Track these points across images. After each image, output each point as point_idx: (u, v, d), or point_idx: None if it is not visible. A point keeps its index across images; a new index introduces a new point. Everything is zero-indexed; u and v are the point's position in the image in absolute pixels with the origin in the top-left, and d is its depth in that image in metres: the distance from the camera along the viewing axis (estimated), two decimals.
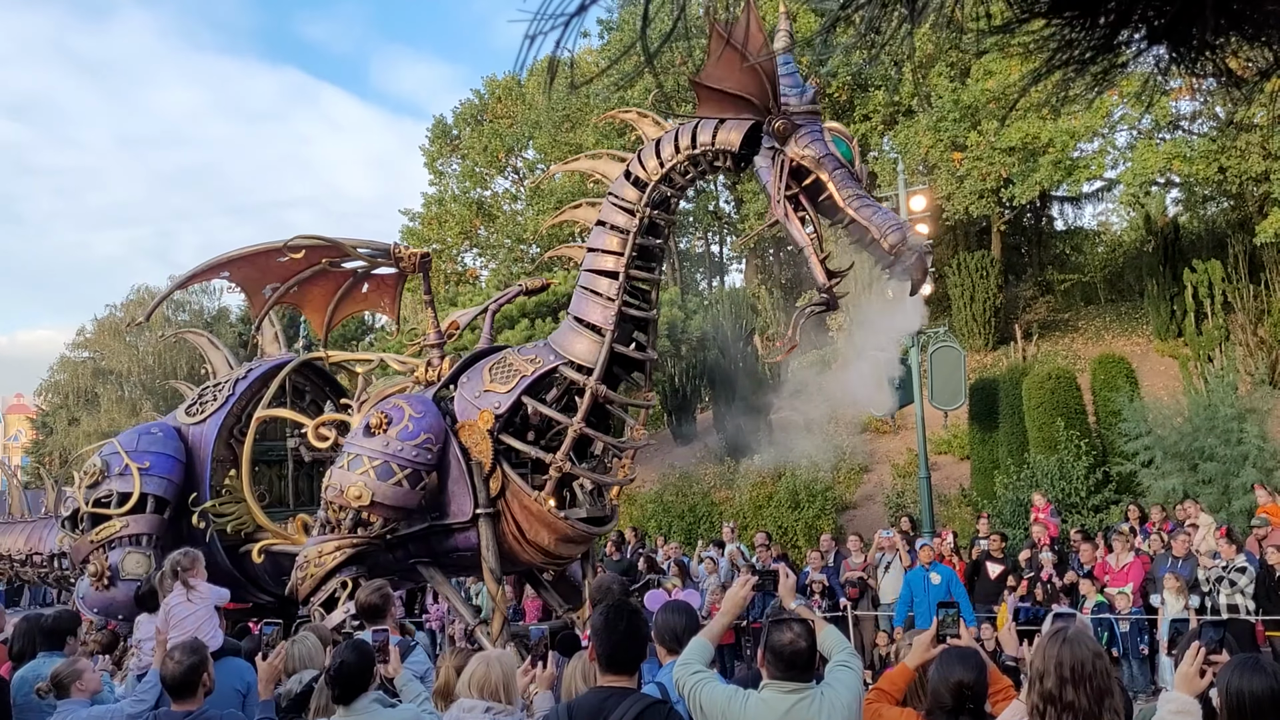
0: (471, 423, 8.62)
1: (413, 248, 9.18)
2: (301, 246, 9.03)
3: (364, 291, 9.81)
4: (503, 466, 8.59)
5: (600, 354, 8.41)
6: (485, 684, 3.84)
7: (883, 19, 1.06)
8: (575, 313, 8.69)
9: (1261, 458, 14.95)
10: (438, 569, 9.16)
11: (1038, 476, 16.50)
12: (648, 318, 8.71)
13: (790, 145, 7.46)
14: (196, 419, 10.43)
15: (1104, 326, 25.08)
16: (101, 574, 9.28)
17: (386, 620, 5.82)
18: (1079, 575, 11.96)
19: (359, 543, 8.58)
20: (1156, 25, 1.02)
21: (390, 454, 8.29)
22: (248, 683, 5.69)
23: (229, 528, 9.90)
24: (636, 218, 8.36)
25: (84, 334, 56.76)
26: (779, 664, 3.66)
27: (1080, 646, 3.31)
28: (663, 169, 8.26)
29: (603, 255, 8.49)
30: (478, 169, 37.02)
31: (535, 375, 8.60)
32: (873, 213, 7.28)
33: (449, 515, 8.75)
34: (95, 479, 9.78)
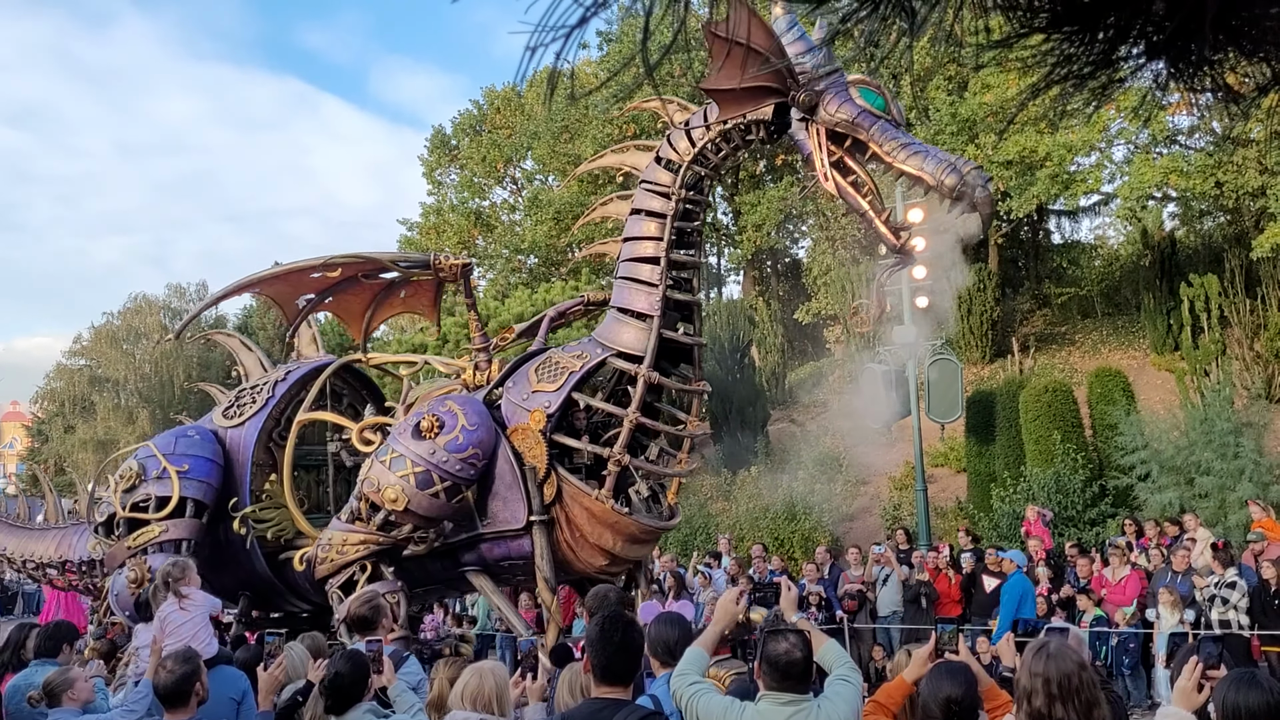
0: (524, 426, 8.39)
1: (453, 257, 9.05)
2: (338, 265, 8.95)
3: (401, 297, 9.68)
4: (557, 471, 8.35)
5: (649, 340, 8.25)
6: (478, 695, 3.83)
7: (881, 32, 1.06)
8: (618, 303, 8.51)
9: (1258, 472, 14.96)
10: (487, 578, 8.88)
11: (1034, 489, 16.50)
12: (692, 302, 8.56)
13: (820, 112, 7.27)
14: (234, 422, 10.14)
15: (1101, 340, 25.11)
16: (141, 580, 8.94)
17: (378, 631, 5.80)
18: (1075, 589, 11.95)
19: (384, 542, 8.44)
20: (1155, 40, 1.02)
21: (434, 463, 8.06)
22: (242, 691, 5.68)
23: (269, 534, 9.62)
24: (673, 200, 8.24)
25: (81, 342, 56.72)
26: (775, 675, 3.65)
27: (1064, 660, 3.31)
28: (694, 148, 8.13)
29: (641, 242, 8.36)
30: (476, 179, 37.10)
31: (584, 370, 8.39)
32: (923, 159, 6.97)
33: (500, 522, 8.49)
34: (132, 483, 9.51)
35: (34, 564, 11.93)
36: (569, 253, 32.89)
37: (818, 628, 4.47)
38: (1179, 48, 1.02)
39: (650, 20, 1.08)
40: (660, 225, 8.27)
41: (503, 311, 27.77)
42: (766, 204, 29.18)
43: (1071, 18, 1.03)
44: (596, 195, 30.38)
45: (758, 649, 3.82)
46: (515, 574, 9.04)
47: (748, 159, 32.30)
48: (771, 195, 29.78)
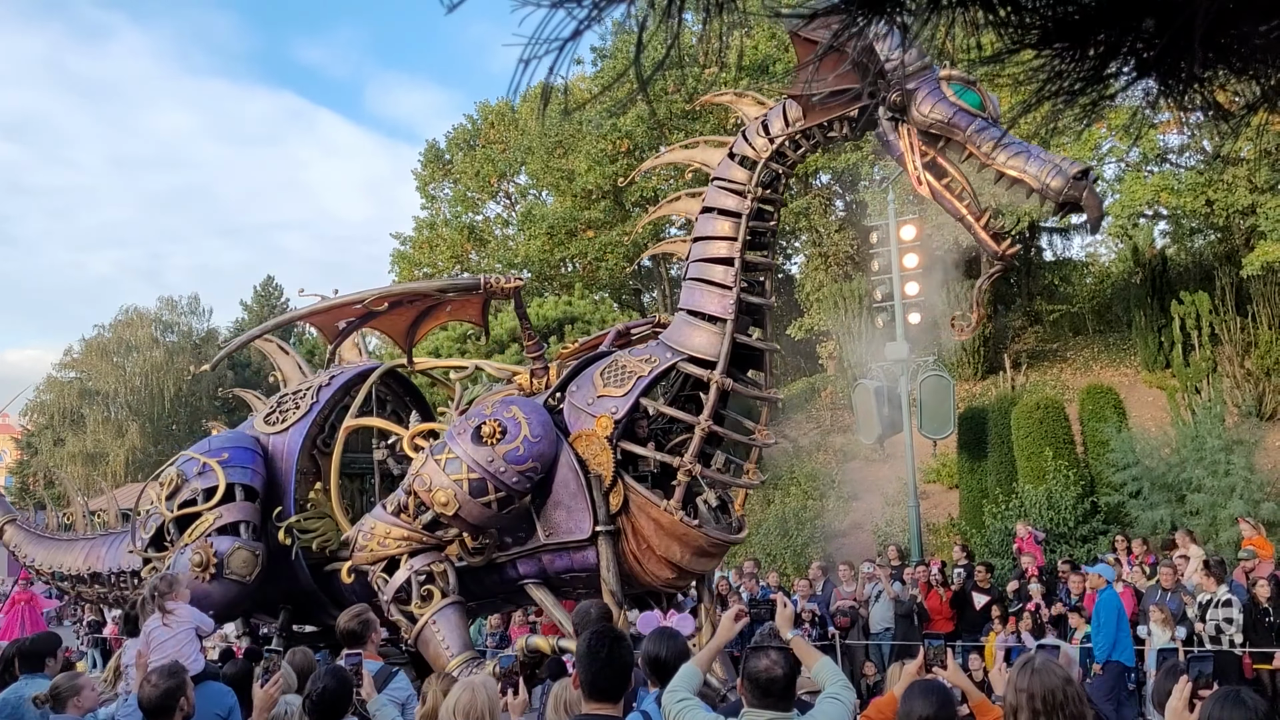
0: (588, 432, 8.01)
1: (505, 279, 8.73)
2: (385, 299, 8.76)
3: (448, 309, 9.45)
4: (624, 479, 7.96)
5: (722, 345, 7.87)
6: (470, 710, 3.81)
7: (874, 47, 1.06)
8: (688, 305, 8.13)
9: (1249, 489, 14.99)
10: (548, 591, 8.46)
11: (1026, 506, 16.51)
12: (765, 305, 8.22)
13: (912, 112, 6.88)
14: (277, 428, 9.77)
15: (1092, 357, 25.17)
16: (206, 564, 8.60)
17: (367, 646, 5.77)
18: (1066, 607, 11.93)
19: (427, 542, 8.15)
20: (1145, 58, 1.03)
21: (491, 472, 7.68)
22: (229, 706, 5.65)
23: (314, 545, 9.24)
24: (748, 199, 7.86)
25: (71, 354, 56.52)
26: (755, 691, 3.63)
27: (1049, 675, 3.33)
28: (773, 145, 7.75)
29: (713, 242, 7.99)
30: (470, 194, 37.14)
31: (653, 375, 8.00)
32: (1025, 160, 6.55)
33: (563, 533, 8.08)
34: (174, 487, 9.21)
35: (63, 576, 11.54)
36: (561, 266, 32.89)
37: (812, 645, 4.46)
38: (1169, 65, 1.02)
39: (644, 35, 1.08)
40: (734, 225, 7.91)
41: (495, 327, 27.76)
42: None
43: (1062, 34, 1.04)
44: (590, 210, 30.44)
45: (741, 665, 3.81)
46: (577, 587, 8.65)
47: None
48: None
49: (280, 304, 59.34)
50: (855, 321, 24.10)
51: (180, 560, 8.74)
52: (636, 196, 30.55)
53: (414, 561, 8.10)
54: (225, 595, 8.68)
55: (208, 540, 8.76)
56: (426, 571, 8.11)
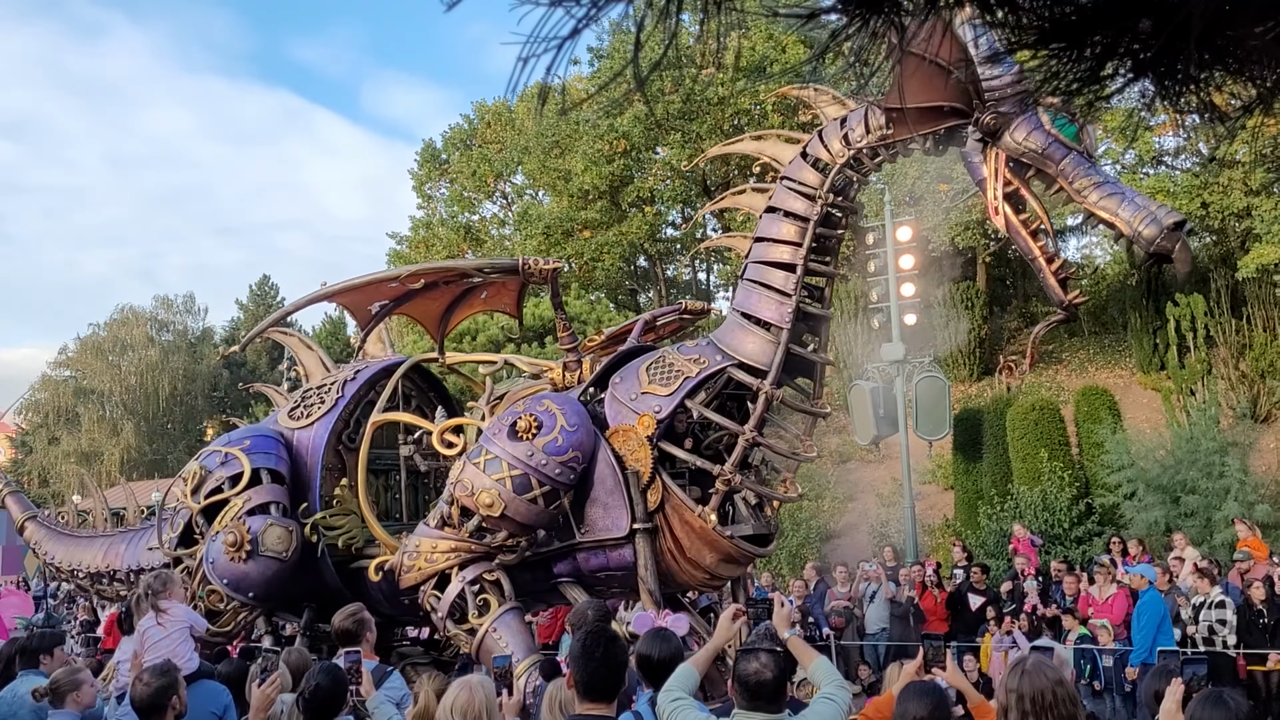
0: (628, 428, 7.77)
1: (543, 261, 8.46)
2: (420, 275, 8.50)
3: (482, 297, 9.20)
4: (662, 477, 7.74)
5: (775, 355, 7.60)
6: (469, 709, 3.81)
7: (870, 49, 1.06)
8: (743, 308, 7.83)
9: (1243, 491, 15.03)
10: (582, 590, 8.22)
11: (1021, 507, 16.54)
12: (822, 316, 7.96)
13: (1005, 138, 6.53)
14: (302, 424, 9.52)
15: (1087, 359, 25.22)
16: (240, 543, 8.39)
17: (361, 645, 5.77)
18: (1061, 608, 11.95)
19: (476, 550, 7.86)
20: (1142, 58, 1.03)
21: (533, 466, 7.46)
22: (224, 705, 5.65)
23: (340, 542, 9.05)
24: (817, 204, 7.53)
25: (66, 353, 56.42)
26: (745, 694, 3.64)
27: (1040, 676, 3.35)
28: (849, 151, 7.39)
29: (776, 245, 7.69)
30: (466, 193, 37.11)
31: (700, 377, 7.73)
32: (1119, 203, 6.25)
33: (599, 531, 7.84)
34: (198, 480, 9.05)
35: (83, 574, 11.39)
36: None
37: (808, 645, 4.47)
38: (1165, 66, 1.03)
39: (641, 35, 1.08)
40: (800, 229, 7.60)
41: (491, 326, 27.77)
42: (757, 220, 29.22)
43: (1059, 35, 1.04)
44: (587, 210, 30.44)
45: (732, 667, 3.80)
46: (612, 586, 8.41)
47: (736, 176, 32.41)
48: None
49: (276, 303, 59.27)
50: (851, 322, 24.13)
51: (214, 546, 8.61)
52: (633, 197, 30.56)
53: (465, 573, 7.86)
54: (263, 573, 8.45)
55: (240, 520, 8.58)
56: (480, 581, 7.87)
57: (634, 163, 30.76)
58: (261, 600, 8.66)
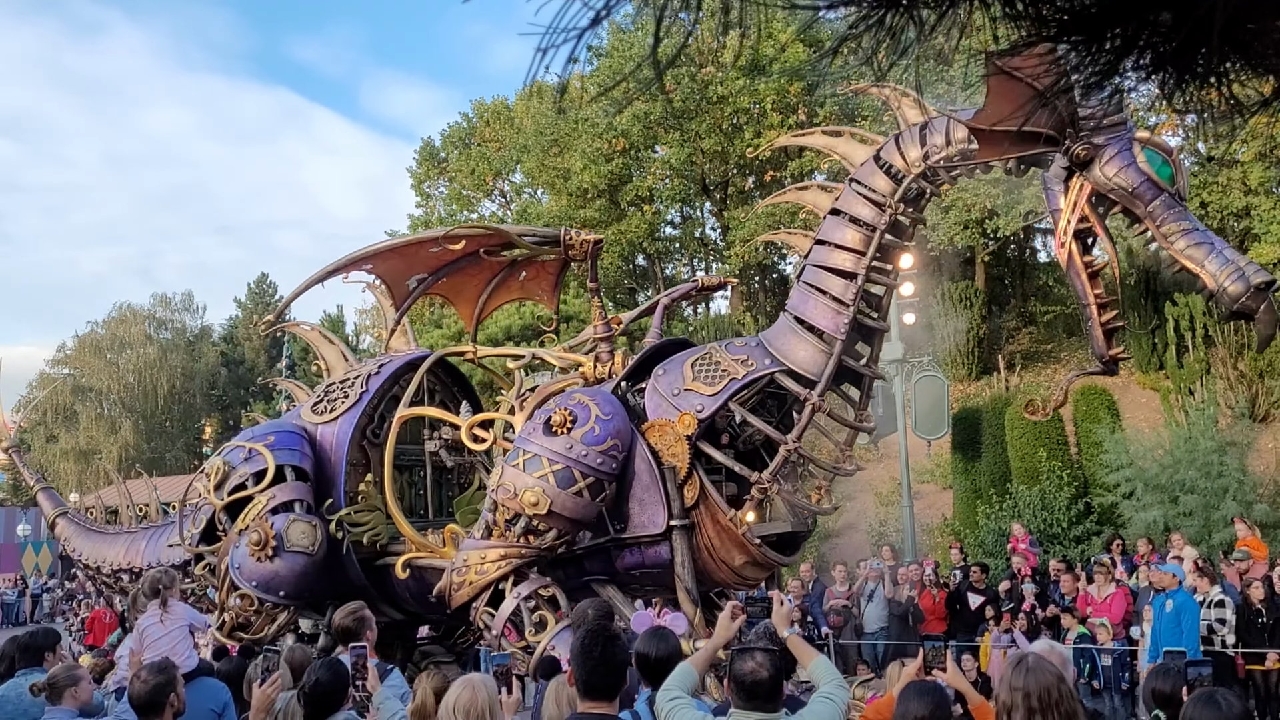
0: (664, 423, 7.59)
1: (584, 233, 8.18)
2: (461, 237, 8.09)
3: (520, 279, 8.93)
4: (699, 473, 7.55)
5: (826, 366, 7.35)
6: (471, 708, 3.80)
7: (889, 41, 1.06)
8: (797, 312, 7.56)
9: (1242, 491, 15.04)
10: (617, 588, 8.01)
11: (1019, 507, 16.55)
12: (879, 329, 7.64)
13: (1095, 171, 6.26)
14: (325, 418, 9.31)
15: (1086, 358, 25.19)
16: (265, 541, 8.23)
17: (361, 642, 5.76)
18: (1060, 607, 11.96)
19: (528, 554, 7.62)
20: (1162, 51, 1.02)
21: (573, 458, 7.28)
22: (223, 702, 5.65)
23: (365, 539, 8.87)
24: (886, 213, 7.21)
25: (64, 351, 56.40)
26: (741, 693, 3.64)
27: (1043, 673, 3.37)
28: (926, 161, 7.08)
29: (838, 251, 7.38)
30: (465, 192, 37.14)
31: (746, 380, 7.50)
32: (1206, 254, 5.99)
33: (635, 527, 7.65)
34: (221, 475, 8.87)
35: (107, 570, 11.26)
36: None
37: (807, 644, 4.46)
38: (1186, 59, 1.02)
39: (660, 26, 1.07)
40: (865, 238, 7.28)
41: (489, 324, 27.76)
42: (756, 220, 29.27)
43: (1079, 27, 1.03)
44: (585, 209, 30.43)
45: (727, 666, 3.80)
46: (646, 584, 8.25)
47: (736, 174, 32.41)
48: (760, 212, 29.83)
49: (274, 301, 59.22)
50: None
51: (238, 552, 8.47)
52: (632, 196, 30.57)
53: (520, 589, 7.62)
54: (292, 569, 8.31)
55: (263, 518, 8.43)
56: (535, 597, 7.65)
57: (633, 161, 30.77)
58: (293, 598, 8.49)
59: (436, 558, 8.46)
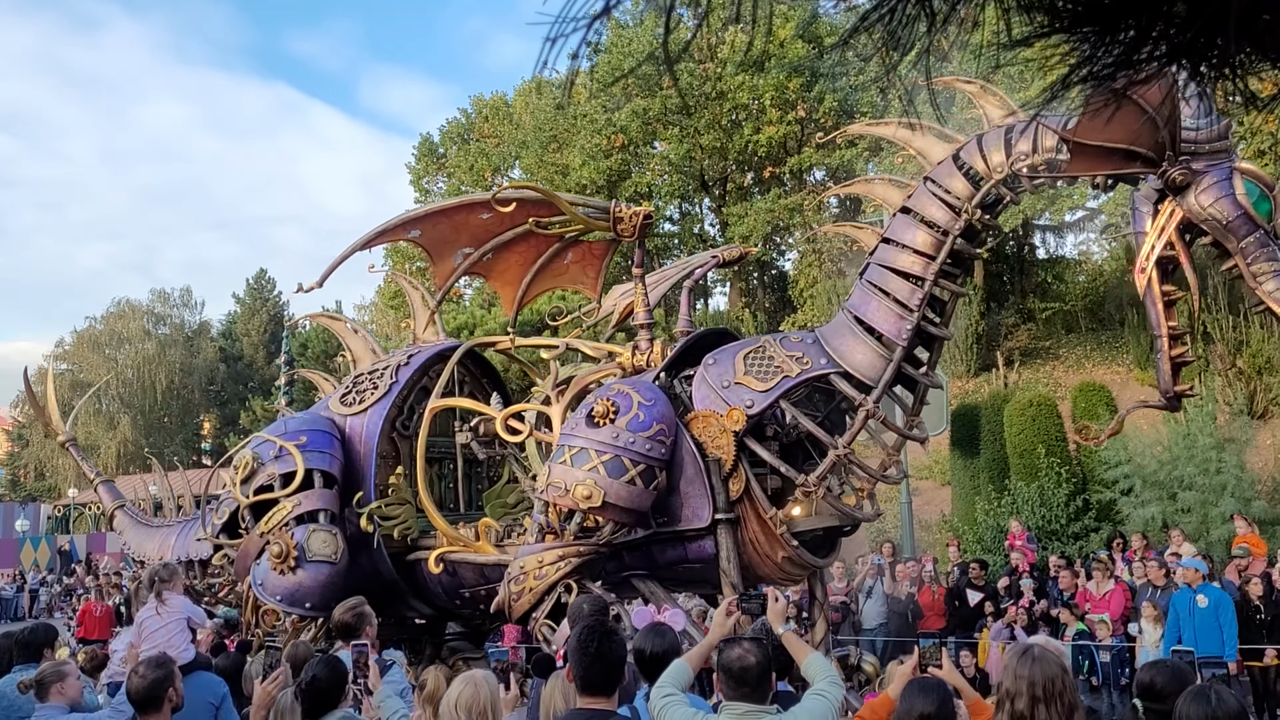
0: (708, 414, 7.36)
1: (634, 207, 7.90)
2: (511, 199, 7.75)
3: (566, 263, 8.64)
4: (744, 467, 7.32)
5: (885, 372, 7.09)
6: (473, 705, 3.80)
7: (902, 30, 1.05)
8: (857, 311, 7.27)
9: (1240, 487, 15.06)
10: (657, 583, 7.76)
11: (1018, 503, 16.56)
12: (943, 337, 7.42)
13: (1190, 198, 5.94)
14: (354, 410, 9.11)
15: (1085, 355, 25.25)
16: (286, 554, 8.09)
17: (363, 638, 5.76)
18: (1060, 603, 11.97)
19: (586, 551, 7.36)
20: (1177, 42, 1.02)
21: (621, 447, 7.04)
22: (220, 696, 5.65)
23: (395, 533, 8.69)
24: (961, 218, 6.88)
25: (62, 346, 56.37)
26: (730, 682, 3.64)
27: (1048, 664, 3.41)
28: (1010, 167, 6.72)
29: (905, 253, 7.07)
30: (463, 188, 37.07)
31: (800, 379, 7.26)
32: None
33: (679, 521, 7.42)
34: (249, 470, 8.67)
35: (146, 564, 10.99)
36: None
37: (803, 641, 4.46)
38: (1200, 51, 1.01)
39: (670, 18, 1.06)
40: (936, 242, 6.95)
41: (489, 320, 27.74)
42: (754, 215, 29.27)
43: (1093, 18, 1.02)
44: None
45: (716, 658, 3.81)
46: (687, 579, 8.04)
47: (735, 171, 32.40)
48: (759, 207, 29.86)
49: (273, 297, 59.22)
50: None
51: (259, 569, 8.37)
52: (631, 191, 30.55)
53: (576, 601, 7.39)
54: (316, 580, 8.16)
55: (284, 529, 8.29)
56: None
57: (631, 157, 30.76)
58: (320, 609, 8.13)
59: (470, 552, 8.28)
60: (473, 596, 8.37)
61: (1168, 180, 5.94)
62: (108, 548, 33.81)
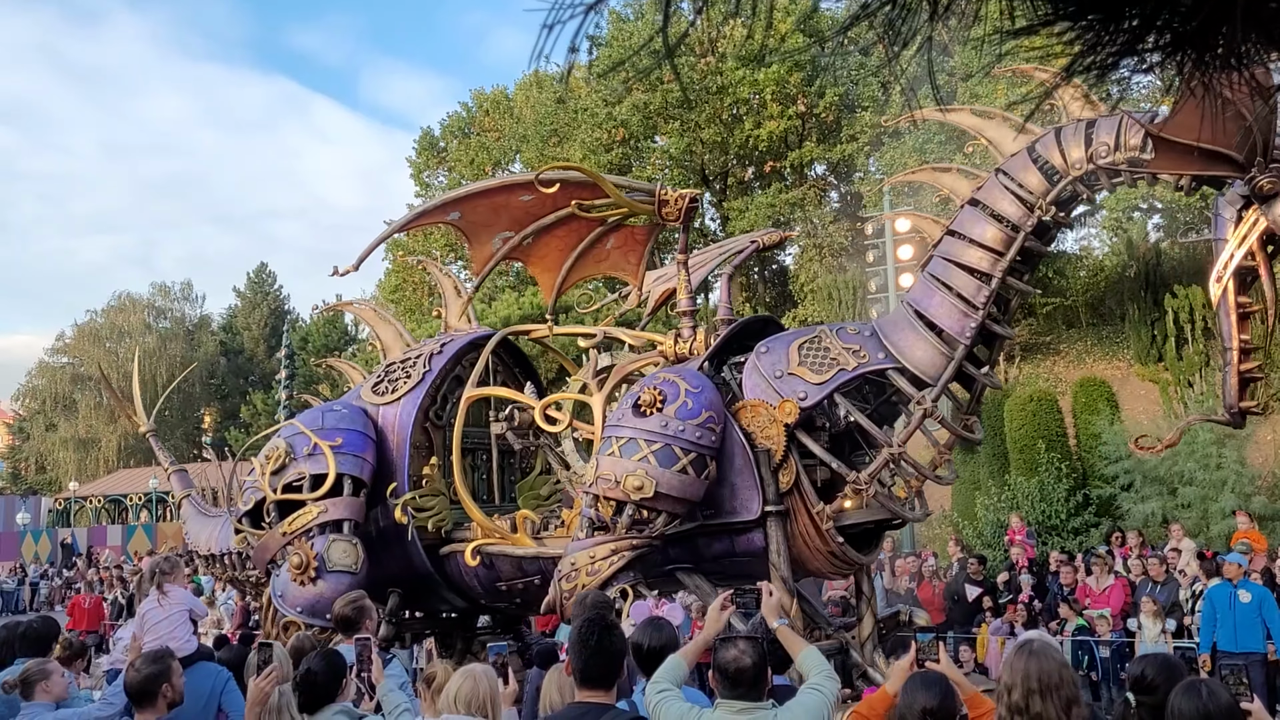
0: (757, 403, 7.15)
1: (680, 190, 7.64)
2: (555, 180, 7.47)
3: (607, 249, 8.38)
4: (794, 458, 7.11)
5: (945, 370, 6.87)
6: (473, 698, 3.79)
7: (903, 20, 1.04)
8: (918, 306, 7.04)
9: (1240, 483, 15.06)
10: (703, 577, 7.56)
11: (1018, 498, 16.56)
12: (1005, 336, 7.18)
13: (1275, 207, 5.74)
14: (387, 399, 8.96)
15: (1085, 350, 25.23)
16: (306, 565, 7.97)
17: (363, 632, 5.75)
18: (1060, 598, 11.97)
19: (639, 544, 7.10)
20: (1182, 31, 1.00)
21: (671, 435, 6.83)
22: (223, 683, 5.67)
23: (430, 524, 8.49)
24: (1034, 214, 6.59)
25: (63, 339, 56.37)
26: (725, 682, 3.65)
27: (1047, 658, 3.44)
28: (1090, 163, 6.41)
29: (972, 248, 6.79)
30: (464, 181, 37.04)
31: (857, 372, 7.05)
32: None
33: (727, 513, 7.23)
34: (280, 462, 8.49)
35: (200, 555, 10.99)
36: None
37: (798, 635, 4.46)
38: (1205, 40, 1.00)
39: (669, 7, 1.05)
40: (1006, 238, 6.68)
41: (489, 315, 27.74)
42: (755, 210, 29.22)
43: (1097, 5, 1.01)
44: None
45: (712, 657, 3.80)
46: (733, 573, 7.80)
47: (735, 165, 32.36)
48: (760, 201, 29.82)
49: (273, 291, 59.21)
50: (849, 313, 24.13)
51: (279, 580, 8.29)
52: None
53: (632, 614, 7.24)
54: (337, 591, 7.83)
55: (305, 541, 8.17)
56: None
57: (632, 151, 30.72)
58: None
59: (507, 544, 8.13)
60: (509, 590, 8.25)
61: (1255, 187, 5.73)
62: (108, 541, 33.83)
